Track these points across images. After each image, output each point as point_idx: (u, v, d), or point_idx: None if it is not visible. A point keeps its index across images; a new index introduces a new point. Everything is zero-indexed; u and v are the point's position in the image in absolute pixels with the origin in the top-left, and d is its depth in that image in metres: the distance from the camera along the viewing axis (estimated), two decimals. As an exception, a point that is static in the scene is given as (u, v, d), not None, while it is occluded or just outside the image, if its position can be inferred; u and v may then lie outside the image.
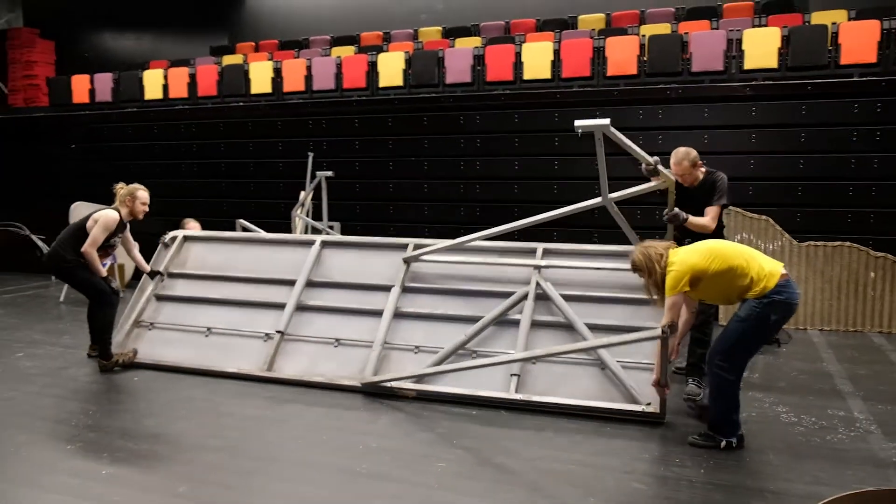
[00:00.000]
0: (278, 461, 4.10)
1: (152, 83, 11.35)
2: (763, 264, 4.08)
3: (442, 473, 3.91)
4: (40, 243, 9.53)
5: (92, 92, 11.82)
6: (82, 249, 5.83)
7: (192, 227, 7.20)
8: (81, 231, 5.88)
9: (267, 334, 5.91)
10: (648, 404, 4.63)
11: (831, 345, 6.72)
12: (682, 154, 5.18)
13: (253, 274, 6.34)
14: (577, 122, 4.26)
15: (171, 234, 6.83)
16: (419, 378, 5.20)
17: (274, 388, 5.48)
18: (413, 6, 13.40)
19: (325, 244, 6.31)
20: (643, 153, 4.60)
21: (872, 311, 7.16)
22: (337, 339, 5.72)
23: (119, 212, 5.99)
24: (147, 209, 6.14)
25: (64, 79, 12.15)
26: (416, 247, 5.94)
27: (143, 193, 6.07)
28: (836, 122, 7.44)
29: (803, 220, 7.46)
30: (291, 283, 6.10)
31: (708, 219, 5.08)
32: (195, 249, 6.73)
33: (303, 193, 8.48)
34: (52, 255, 5.95)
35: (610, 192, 5.00)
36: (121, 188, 6.10)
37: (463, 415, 4.81)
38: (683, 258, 4.13)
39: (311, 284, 6.10)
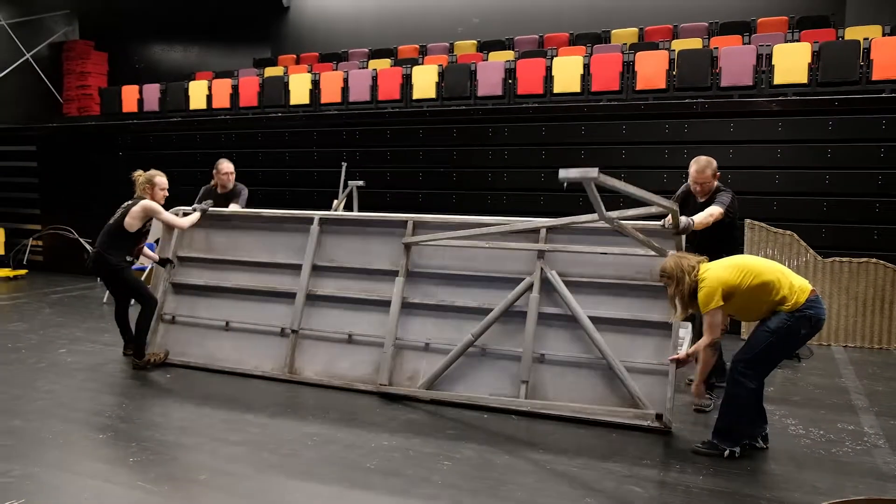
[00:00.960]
0: (295, 456, 4.31)
1: (197, 94, 11.82)
2: (793, 280, 4.15)
3: (448, 471, 4.08)
4: (88, 246, 9.97)
5: (140, 101, 12.36)
6: (177, 224, 6.35)
7: (226, 167, 7.21)
8: (120, 230, 6.15)
9: (282, 329, 6.10)
10: (657, 416, 4.72)
11: (853, 361, 6.69)
12: (705, 162, 5.21)
13: (258, 258, 6.41)
14: (562, 173, 4.00)
15: (173, 211, 6.72)
16: (432, 383, 5.39)
17: (294, 386, 5.75)
18: (450, 19, 13.67)
19: (323, 222, 6.23)
20: (641, 193, 4.49)
21: (899, 329, 7.10)
22: (349, 335, 5.86)
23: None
24: (167, 193, 6.39)
25: (115, 89, 12.73)
26: (416, 224, 5.86)
27: (161, 179, 6.32)
28: (863, 138, 7.41)
29: (828, 235, 7.44)
30: (297, 267, 6.18)
31: (706, 214, 4.94)
32: (198, 230, 6.75)
33: (335, 202, 8.75)
34: (96, 258, 6.22)
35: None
36: (139, 176, 6.32)
37: (474, 417, 4.97)
38: (714, 274, 4.15)
39: (316, 269, 6.15)
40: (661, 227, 4.95)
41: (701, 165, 5.20)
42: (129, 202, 6.30)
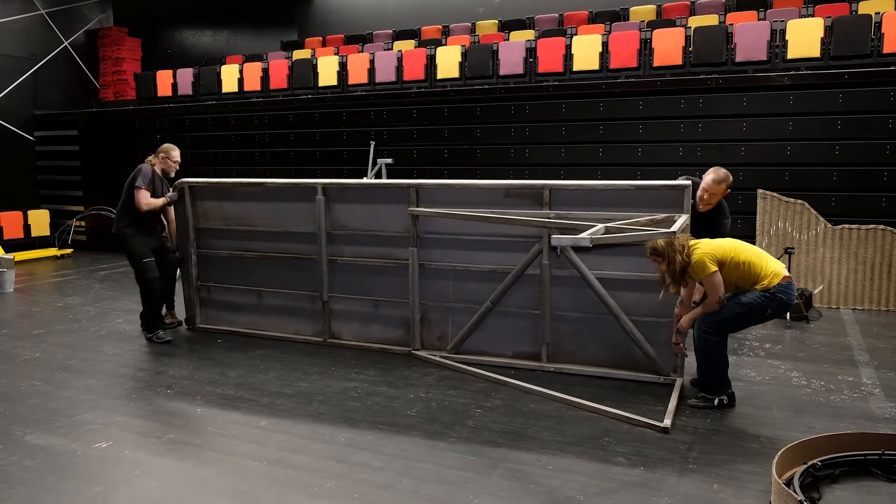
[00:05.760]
0: (342, 406, 4.82)
1: (229, 77, 12.29)
2: (770, 264, 4.56)
3: (480, 417, 4.57)
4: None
5: (174, 86, 12.86)
6: (141, 205, 6.43)
7: (178, 155, 6.90)
8: (128, 196, 6.55)
9: (312, 297, 6.49)
10: (668, 375, 5.17)
11: (859, 322, 7.06)
12: (724, 175, 5.03)
13: (273, 227, 6.61)
14: (554, 240, 4.16)
15: (174, 187, 6.88)
16: (459, 346, 5.88)
17: (334, 348, 6.29)
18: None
19: (326, 191, 6.28)
20: (637, 237, 4.49)
21: (905, 292, 7.46)
22: (376, 300, 6.25)
23: (153, 166, 6.69)
24: (177, 166, 6.81)
25: (149, 74, 13.24)
26: (418, 189, 5.89)
27: (174, 153, 6.79)
28: (872, 110, 7.70)
29: (838, 203, 7.77)
30: (312, 235, 6.39)
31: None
32: (207, 203, 6.93)
33: (364, 180, 9.20)
34: (114, 221, 6.69)
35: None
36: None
37: (502, 371, 5.46)
38: (707, 243, 4.56)
39: (331, 237, 6.34)
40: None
41: (720, 176, 5.02)
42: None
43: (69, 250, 12.78)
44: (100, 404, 4.92)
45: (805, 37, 8.61)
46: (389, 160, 9.21)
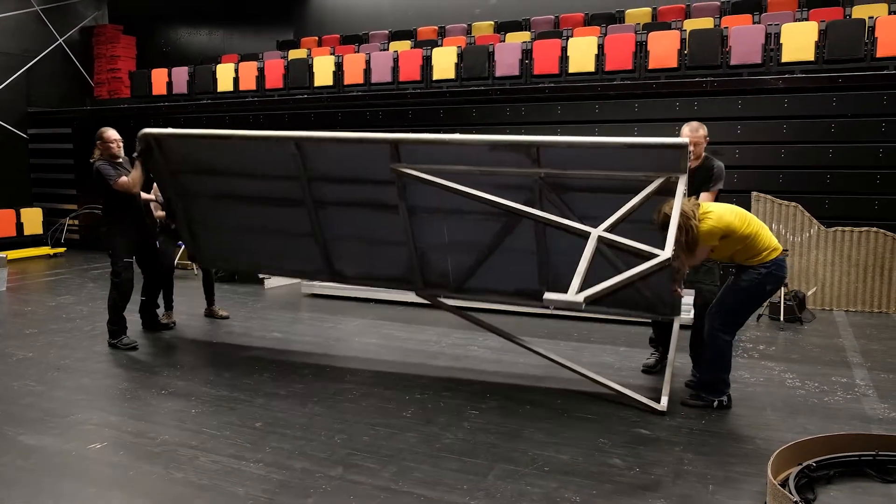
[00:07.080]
0: (337, 408, 4.81)
1: (224, 76, 12.28)
2: (770, 238, 4.55)
3: (476, 418, 4.58)
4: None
5: (169, 84, 12.83)
6: (130, 187, 6.18)
7: (116, 134, 6.42)
8: (104, 197, 6.34)
9: (307, 236, 6.11)
10: (665, 315, 5.24)
11: (853, 324, 7.10)
12: (697, 125, 5.10)
13: (251, 171, 6.06)
14: (547, 296, 3.95)
15: (138, 140, 6.18)
16: (461, 285, 5.79)
17: (329, 358, 6.29)
18: (467, 0, 13.98)
19: (299, 146, 5.70)
20: (632, 273, 4.25)
21: (898, 294, 7.50)
22: (371, 239, 5.93)
23: (103, 160, 6.27)
24: (119, 143, 6.32)
25: (144, 72, 13.21)
26: (399, 144, 5.33)
27: (109, 133, 6.33)
28: (865, 113, 7.75)
29: (831, 206, 7.82)
30: (294, 177, 5.85)
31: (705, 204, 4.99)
32: (176, 150, 6.27)
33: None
34: (101, 225, 6.61)
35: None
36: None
37: (498, 372, 5.48)
38: (720, 214, 4.41)
39: (313, 179, 5.83)
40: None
41: (695, 125, 5.09)
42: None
43: (62, 249, 12.73)
44: (94, 404, 4.90)
45: (799, 40, 8.66)
46: (385, 160, 9.18)
